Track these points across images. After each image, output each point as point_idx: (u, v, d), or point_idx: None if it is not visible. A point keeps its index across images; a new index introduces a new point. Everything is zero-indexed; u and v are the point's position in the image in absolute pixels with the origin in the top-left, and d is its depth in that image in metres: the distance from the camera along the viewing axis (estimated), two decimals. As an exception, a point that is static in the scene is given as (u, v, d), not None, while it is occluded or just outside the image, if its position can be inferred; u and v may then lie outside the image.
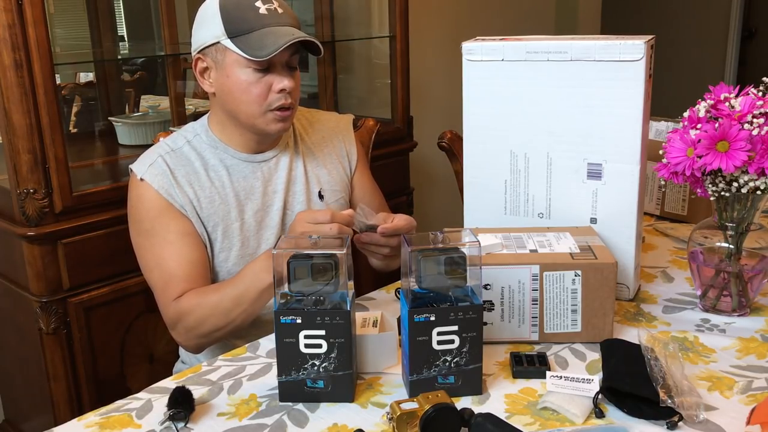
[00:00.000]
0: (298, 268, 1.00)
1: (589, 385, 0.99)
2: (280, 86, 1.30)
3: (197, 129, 1.42)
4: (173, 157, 1.37)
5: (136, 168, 1.36)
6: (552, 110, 1.28)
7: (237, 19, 1.28)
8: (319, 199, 1.46)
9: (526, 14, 3.65)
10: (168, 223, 1.33)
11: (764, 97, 1.15)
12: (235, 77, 1.30)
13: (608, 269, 1.13)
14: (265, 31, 1.27)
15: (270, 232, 1.40)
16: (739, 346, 1.14)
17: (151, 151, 1.39)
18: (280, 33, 1.27)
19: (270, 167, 1.42)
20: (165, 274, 1.32)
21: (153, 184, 1.33)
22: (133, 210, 1.36)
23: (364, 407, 1.01)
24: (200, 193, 1.35)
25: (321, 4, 2.66)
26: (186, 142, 1.39)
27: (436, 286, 1.01)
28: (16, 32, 1.61)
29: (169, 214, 1.33)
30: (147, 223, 1.34)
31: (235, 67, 1.30)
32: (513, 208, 1.37)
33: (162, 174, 1.34)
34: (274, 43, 1.25)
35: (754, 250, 1.23)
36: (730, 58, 4.71)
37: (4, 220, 1.80)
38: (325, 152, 1.50)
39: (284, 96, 1.31)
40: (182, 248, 1.32)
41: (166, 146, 1.39)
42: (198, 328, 1.29)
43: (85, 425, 0.99)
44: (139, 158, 1.38)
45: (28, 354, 1.88)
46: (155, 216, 1.33)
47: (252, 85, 1.30)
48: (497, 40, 1.33)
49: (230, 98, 1.33)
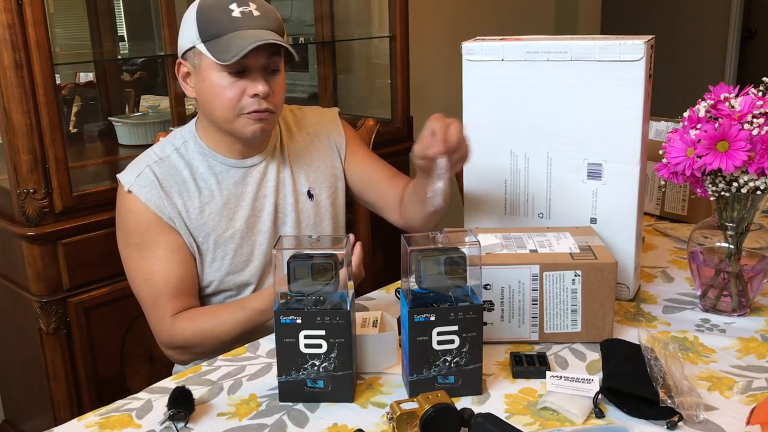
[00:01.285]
0: (298, 268, 1.00)
1: (589, 385, 0.99)
2: (253, 91, 1.27)
3: (185, 135, 1.40)
4: (161, 166, 1.34)
5: (124, 178, 1.34)
6: (552, 110, 1.28)
7: (210, 23, 1.26)
8: (308, 198, 1.45)
9: (526, 14, 3.65)
10: (157, 238, 1.32)
11: (764, 97, 1.15)
12: (210, 81, 1.28)
13: (608, 269, 1.13)
14: (234, 35, 1.25)
15: (263, 237, 1.40)
16: (739, 346, 1.14)
17: (138, 161, 1.36)
18: (248, 36, 1.24)
19: (260, 171, 1.40)
20: (154, 292, 1.32)
21: (141, 196, 1.31)
22: (122, 222, 1.35)
23: (364, 407, 1.01)
24: (189, 203, 1.34)
25: (321, 4, 2.66)
26: (174, 150, 1.37)
27: (436, 286, 1.01)
28: (16, 32, 1.61)
29: (158, 228, 1.32)
30: (136, 237, 1.33)
31: (210, 71, 1.28)
32: (513, 208, 1.37)
33: (150, 185, 1.32)
34: (238, 47, 1.23)
35: (754, 250, 1.23)
36: (730, 58, 4.71)
37: (4, 220, 1.80)
38: (311, 150, 1.48)
39: (257, 101, 1.28)
40: (171, 264, 1.32)
41: (154, 155, 1.36)
42: (190, 350, 1.32)
43: (85, 425, 0.99)
44: (127, 167, 1.36)
45: (28, 354, 1.88)
46: (144, 230, 1.32)
47: (225, 89, 1.27)
48: (497, 40, 1.33)
49: (207, 102, 1.31)
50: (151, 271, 1.32)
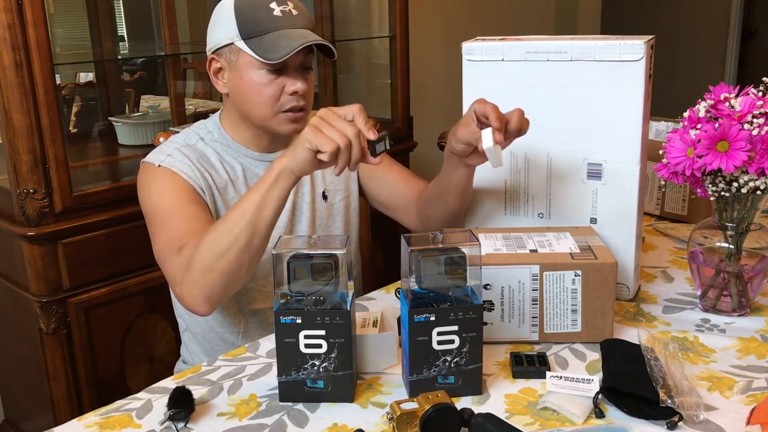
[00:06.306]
0: (298, 268, 1.00)
1: (589, 385, 0.99)
2: (292, 89, 1.30)
3: (209, 127, 1.41)
4: (190, 150, 1.36)
5: (152, 158, 1.34)
6: (552, 110, 1.28)
7: (251, 21, 1.27)
8: (322, 199, 1.47)
9: (526, 14, 3.65)
10: (180, 192, 1.30)
11: (764, 97, 1.15)
12: (248, 78, 1.30)
13: (608, 269, 1.13)
14: (278, 34, 1.27)
15: (278, 232, 1.40)
16: (739, 346, 1.14)
17: (166, 145, 1.37)
18: (294, 35, 1.27)
19: None
20: (170, 232, 1.25)
21: (173, 167, 1.31)
22: (144, 190, 1.32)
23: (364, 407, 1.01)
24: (218, 181, 1.35)
25: (321, 4, 2.66)
26: (199, 139, 1.39)
27: (436, 286, 1.01)
28: (16, 32, 1.61)
29: (182, 187, 1.30)
30: (156, 196, 1.30)
31: (249, 68, 1.29)
32: (513, 208, 1.37)
33: (182, 161, 1.33)
34: (287, 46, 1.25)
35: (754, 250, 1.23)
36: (730, 58, 4.71)
37: (4, 220, 1.80)
38: None
39: (296, 98, 1.31)
40: (191, 207, 1.28)
41: (181, 141, 1.38)
42: (201, 261, 1.16)
43: (85, 425, 0.99)
44: (152, 152, 1.36)
45: (28, 354, 1.88)
46: (168, 187, 1.30)
47: (265, 86, 1.29)
48: (497, 40, 1.33)
49: (243, 99, 1.33)
50: (171, 215, 1.27)
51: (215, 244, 1.15)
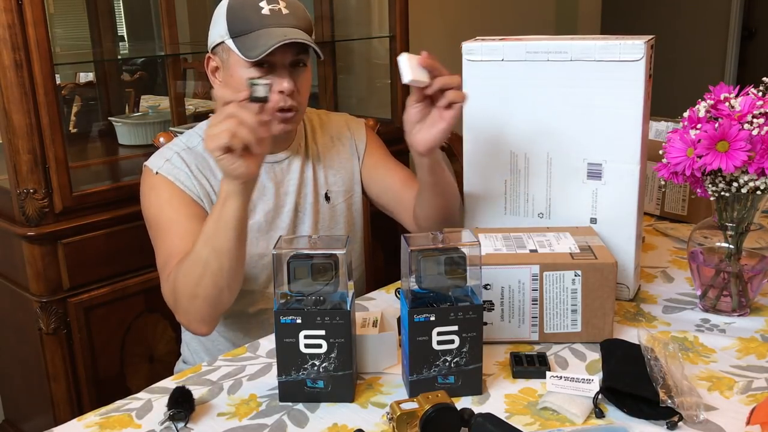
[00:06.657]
0: (298, 268, 1.00)
1: (589, 385, 0.99)
2: (278, 88, 1.29)
3: None
4: (189, 154, 1.37)
5: (152, 163, 1.36)
6: (552, 110, 1.28)
7: (239, 19, 1.28)
8: (325, 201, 1.47)
9: (526, 14, 3.65)
10: (178, 206, 1.32)
11: (764, 97, 1.15)
12: (237, 77, 1.30)
13: (608, 269, 1.13)
14: (262, 32, 1.27)
15: (282, 234, 1.40)
16: (739, 346, 1.14)
17: (166, 148, 1.39)
18: (275, 34, 1.27)
19: (282, 168, 1.42)
20: (168, 248, 1.28)
21: (169, 176, 1.33)
22: (145, 199, 1.35)
23: (364, 407, 1.01)
24: (216, 186, 1.35)
25: (321, 4, 2.66)
26: (200, 140, 1.39)
27: (436, 286, 1.01)
28: (16, 32, 1.61)
29: (180, 200, 1.32)
30: (155, 209, 1.33)
31: (237, 67, 1.30)
32: (513, 208, 1.37)
33: (178, 168, 1.34)
34: (265, 44, 1.25)
35: (754, 250, 1.23)
36: (730, 58, 4.71)
37: (4, 220, 1.80)
38: (333, 153, 1.50)
39: (283, 98, 1.31)
40: (189, 224, 1.29)
41: (182, 144, 1.39)
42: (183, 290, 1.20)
43: (84, 425, 0.99)
44: (153, 155, 1.38)
45: (28, 354, 1.88)
46: (167, 199, 1.32)
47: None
48: (497, 40, 1.33)
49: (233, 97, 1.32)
50: (169, 233, 1.30)
51: (189, 273, 1.18)
